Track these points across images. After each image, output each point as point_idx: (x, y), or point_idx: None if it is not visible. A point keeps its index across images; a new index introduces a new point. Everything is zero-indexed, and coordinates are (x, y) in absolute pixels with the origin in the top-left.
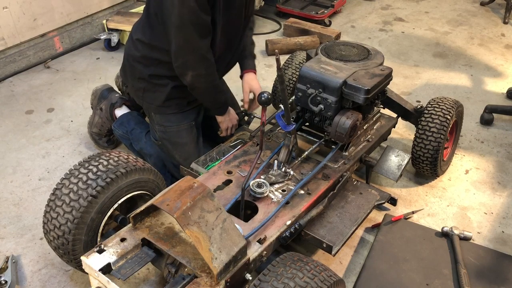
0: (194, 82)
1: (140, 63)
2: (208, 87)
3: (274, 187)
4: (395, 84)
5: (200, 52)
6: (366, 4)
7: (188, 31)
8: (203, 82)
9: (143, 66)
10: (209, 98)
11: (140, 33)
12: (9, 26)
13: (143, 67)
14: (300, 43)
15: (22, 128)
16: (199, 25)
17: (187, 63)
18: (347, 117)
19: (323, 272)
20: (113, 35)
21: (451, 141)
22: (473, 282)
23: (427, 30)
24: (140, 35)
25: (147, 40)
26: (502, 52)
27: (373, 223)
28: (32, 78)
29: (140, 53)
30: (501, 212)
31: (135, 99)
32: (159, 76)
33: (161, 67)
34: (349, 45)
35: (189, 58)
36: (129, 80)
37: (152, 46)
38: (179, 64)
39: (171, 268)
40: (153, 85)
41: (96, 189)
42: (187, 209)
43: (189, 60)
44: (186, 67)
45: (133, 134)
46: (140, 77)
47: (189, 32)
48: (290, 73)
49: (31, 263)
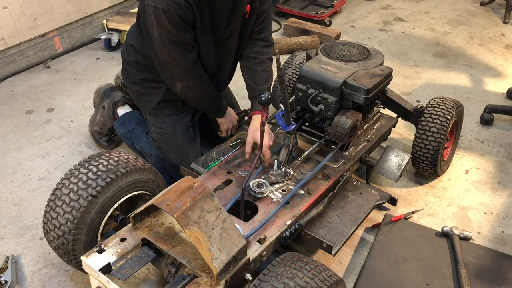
0: (185, 92)
1: (133, 67)
2: (200, 96)
3: (274, 187)
4: (395, 84)
5: (185, 66)
6: (366, 4)
7: (169, 49)
8: (193, 92)
9: (136, 71)
10: (203, 105)
11: (132, 39)
12: (9, 26)
13: (136, 71)
14: (300, 43)
15: (22, 128)
16: (178, 44)
17: (174, 75)
18: (347, 117)
19: (323, 272)
20: (113, 35)
21: (451, 141)
22: (473, 282)
23: (427, 30)
24: (133, 40)
25: (138, 47)
26: (502, 52)
27: (373, 223)
28: (32, 78)
29: (133, 58)
30: (501, 212)
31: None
32: (152, 80)
33: (153, 72)
34: (349, 45)
35: (175, 71)
36: (125, 82)
37: (143, 53)
38: (166, 76)
39: (171, 268)
40: (146, 88)
41: (96, 189)
42: (187, 209)
43: (176, 73)
44: (173, 79)
45: (134, 134)
46: (133, 81)
47: (171, 49)
48: (290, 73)
49: (31, 263)
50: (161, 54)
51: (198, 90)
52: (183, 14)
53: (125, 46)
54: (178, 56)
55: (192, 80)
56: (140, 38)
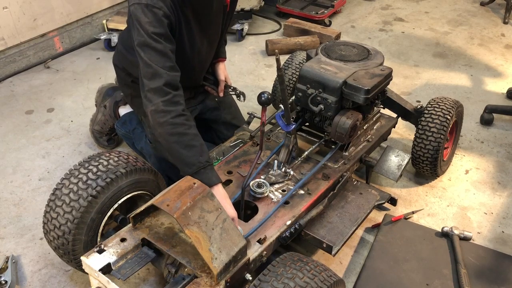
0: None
1: (123, 71)
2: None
3: (274, 187)
4: (395, 84)
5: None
6: (366, 4)
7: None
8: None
9: (126, 74)
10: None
11: (122, 44)
12: (9, 26)
13: (126, 75)
14: (300, 43)
15: (22, 128)
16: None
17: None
18: (347, 117)
19: (323, 272)
20: (113, 35)
21: (451, 141)
22: (473, 282)
23: (427, 30)
24: (122, 45)
25: (127, 52)
26: (502, 52)
27: (373, 223)
28: (32, 78)
29: (122, 63)
30: (501, 212)
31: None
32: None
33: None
34: (349, 45)
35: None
36: (119, 85)
37: (131, 59)
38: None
39: (171, 268)
40: (138, 91)
41: (96, 189)
42: (187, 209)
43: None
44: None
45: (134, 134)
46: (126, 84)
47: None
48: (290, 73)
49: (31, 263)
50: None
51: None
52: (167, 12)
53: (116, 51)
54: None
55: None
56: (128, 44)
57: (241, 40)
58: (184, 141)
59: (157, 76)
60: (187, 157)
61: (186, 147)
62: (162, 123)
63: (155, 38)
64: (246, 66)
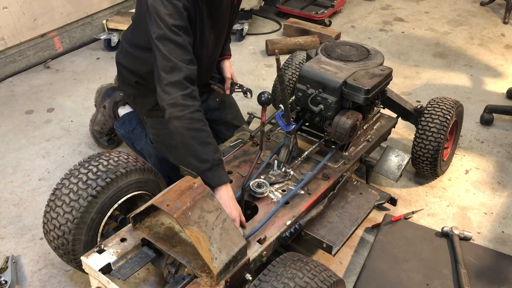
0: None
1: (127, 71)
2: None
3: (274, 187)
4: (395, 84)
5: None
6: (366, 4)
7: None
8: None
9: (130, 74)
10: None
11: (127, 43)
12: (9, 26)
13: (130, 74)
14: (300, 43)
15: (22, 128)
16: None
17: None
18: (347, 117)
19: (323, 272)
20: (113, 35)
21: (451, 141)
22: (473, 282)
23: (427, 30)
24: (127, 44)
25: (132, 50)
26: (502, 52)
27: (373, 223)
28: (32, 78)
29: (127, 62)
30: (501, 212)
31: (128, 103)
32: (147, 82)
33: (148, 74)
34: (349, 45)
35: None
36: (120, 85)
37: (137, 56)
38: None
39: (171, 268)
40: (142, 90)
41: (96, 189)
42: (187, 209)
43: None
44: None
45: (134, 134)
46: (128, 83)
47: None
48: (290, 73)
49: (31, 263)
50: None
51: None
52: (186, 4)
53: (119, 50)
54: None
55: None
56: (134, 42)
57: (241, 40)
58: (201, 137)
59: (176, 69)
60: (202, 153)
61: (201, 143)
62: (180, 117)
63: (175, 30)
64: (246, 66)
